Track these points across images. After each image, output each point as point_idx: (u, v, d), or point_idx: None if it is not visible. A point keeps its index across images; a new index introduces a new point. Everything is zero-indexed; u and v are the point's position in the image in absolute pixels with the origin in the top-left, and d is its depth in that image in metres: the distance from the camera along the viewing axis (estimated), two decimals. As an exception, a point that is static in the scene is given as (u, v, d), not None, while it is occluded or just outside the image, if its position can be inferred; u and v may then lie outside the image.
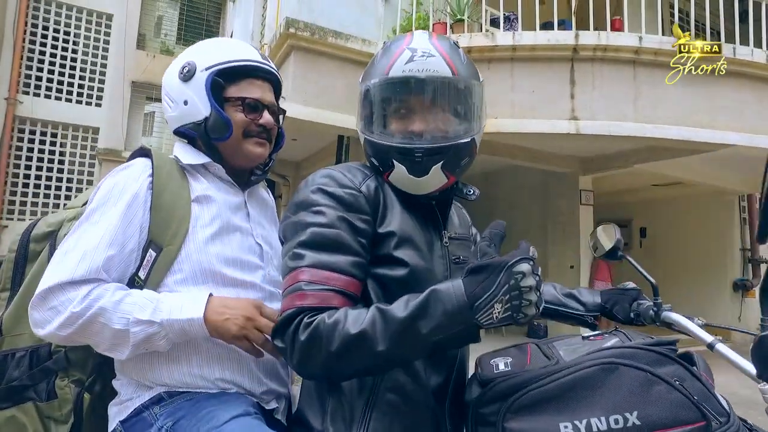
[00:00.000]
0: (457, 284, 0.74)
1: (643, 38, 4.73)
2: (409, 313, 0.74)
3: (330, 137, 5.50)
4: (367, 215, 0.88)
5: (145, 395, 0.93)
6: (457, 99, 0.93)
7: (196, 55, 1.08)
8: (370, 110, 0.95)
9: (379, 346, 0.74)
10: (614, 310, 1.20)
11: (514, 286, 0.71)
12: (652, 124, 4.75)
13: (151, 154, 1.03)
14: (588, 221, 6.77)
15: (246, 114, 1.07)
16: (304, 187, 0.90)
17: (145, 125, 12.59)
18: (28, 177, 11.27)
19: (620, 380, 0.72)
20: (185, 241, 0.97)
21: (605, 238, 1.29)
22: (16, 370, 1.00)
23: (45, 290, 0.86)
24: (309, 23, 4.67)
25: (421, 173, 0.90)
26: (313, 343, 0.76)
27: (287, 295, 0.82)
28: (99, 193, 0.97)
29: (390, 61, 0.92)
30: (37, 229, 1.07)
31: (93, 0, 12.10)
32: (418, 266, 0.89)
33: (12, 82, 11.07)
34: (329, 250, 0.83)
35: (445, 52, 0.92)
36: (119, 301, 0.87)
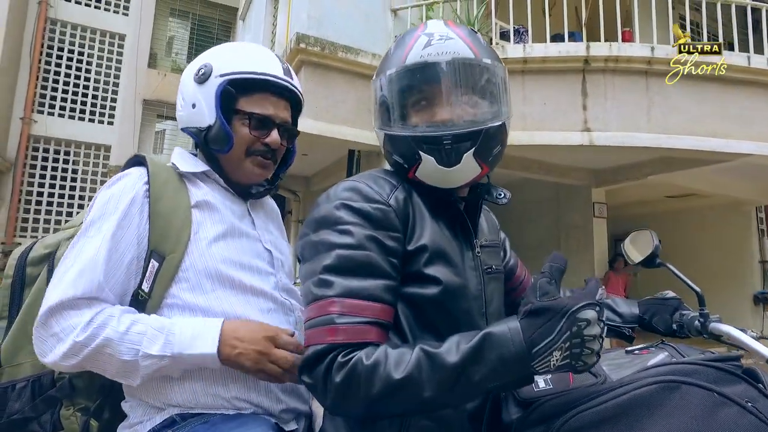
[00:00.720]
0: (514, 328, 0.66)
1: (655, 49, 4.70)
2: (460, 359, 0.66)
3: (341, 151, 5.49)
4: (397, 232, 0.80)
5: (156, 418, 0.88)
6: (482, 81, 0.85)
7: (214, 58, 1.03)
8: (389, 104, 0.87)
9: (426, 392, 0.67)
10: (654, 321, 1.13)
11: (577, 334, 0.63)
12: (666, 134, 4.69)
13: (146, 162, 0.98)
14: (602, 234, 6.68)
15: (252, 130, 1.01)
16: (326, 202, 0.82)
17: (155, 143, 12.73)
18: (41, 195, 11.40)
19: (683, 401, 0.65)
20: (188, 247, 0.92)
21: (640, 246, 1.23)
22: (18, 402, 0.95)
23: (45, 312, 0.81)
24: (319, 38, 4.69)
25: (452, 162, 0.82)
26: (350, 386, 0.69)
27: (316, 327, 0.74)
28: (95, 207, 0.93)
29: (405, 49, 0.86)
30: (34, 252, 1.02)
31: (106, 21, 12.37)
32: (451, 283, 0.82)
33: (27, 102, 11.28)
34: (359, 275, 0.75)
35: (463, 35, 0.85)
36: (126, 331, 0.82)
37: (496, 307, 0.92)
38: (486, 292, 0.89)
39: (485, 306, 0.88)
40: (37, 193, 11.37)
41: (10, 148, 11.11)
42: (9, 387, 0.96)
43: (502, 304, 0.96)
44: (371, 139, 4.90)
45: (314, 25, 4.87)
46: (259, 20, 8.08)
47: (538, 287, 0.68)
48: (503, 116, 0.86)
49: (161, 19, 13.03)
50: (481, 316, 0.86)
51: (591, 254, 6.56)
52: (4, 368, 0.97)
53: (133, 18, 12.38)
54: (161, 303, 0.90)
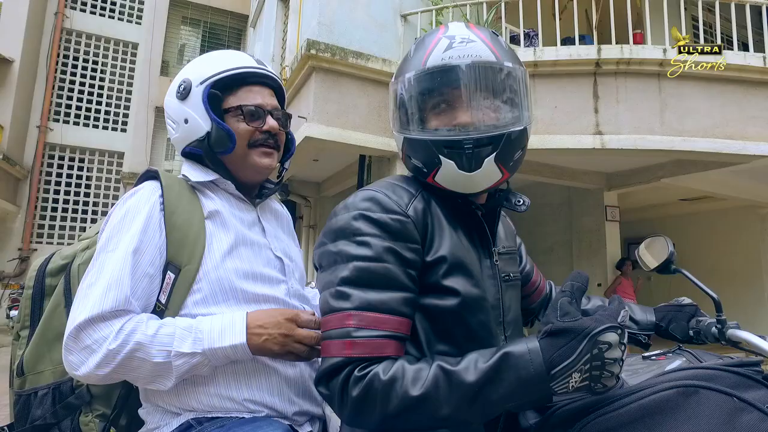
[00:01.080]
0: (534, 348, 0.65)
1: (667, 50, 4.66)
2: (477, 378, 0.66)
3: (351, 157, 5.51)
4: (415, 243, 0.79)
5: (173, 423, 0.89)
6: (504, 84, 0.83)
7: (190, 72, 1.05)
8: (408, 107, 0.86)
9: (443, 410, 0.67)
10: (670, 327, 1.12)
11: (597, 356, 0.62)
12: (680, 136, 4.64)
13: (158, 176, 0.99)
14: (615, 238, 6.63)
15: (248, 122, 1.02)
16: (344, 212, 0.82)
17: (167, 149, 12.88)
18: (57, 201, 11.60)
19: (702, 406, 0.65)
20: (202, 259, 0.94)
21: (655, 252, 1.22)
22: (40, 408, 0.97)
23: (75, 328, 0.82)
24: (329, 44, 4.73)
25: (472, 167, 0.80)
26: (366, 401, 0.69)
27: (333, 339, 0.74)
28: (112, 221, 0.94)
29: (426, 52, 0.84)
30: (52, 263, 1.05)
31: (119, 30, 12.59)
32: (470, 295, 0.81)
33: (44, 111, 11.50)
34: (377, 288, 0.75)
35: (485, 37, 0.84)
36: (155, 333, 0.84)
37: (514, 316, 0.91)
38: (503, 301, 0.88)
39: (503, 315, 0.87)
40: (53, 199, 11.57)
41: (27, 155, 11.32)
42: (32, 394, 0.98)
43: (519, 312, 0.96)
44: (382, 144, 4.92)
45: (325, 32, 4.91)
46: (269, 27, 8.16)
47: (558, 307, 0.67)
48: (525, 121, 0.84)
49: (173, 27, 13.21)
50: (499, 324, 0.86)
51: (603, 258, 6.50)
52: (26, 376, 0.99)
53: (145, 27, 12.58)
54: (177, 314, 0.91)
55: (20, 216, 11.11)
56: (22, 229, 11.10)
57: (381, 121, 4.95)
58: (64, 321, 0.94)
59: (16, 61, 10.63)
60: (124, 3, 12.78)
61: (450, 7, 5.15)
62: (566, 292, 0.69)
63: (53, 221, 11.54)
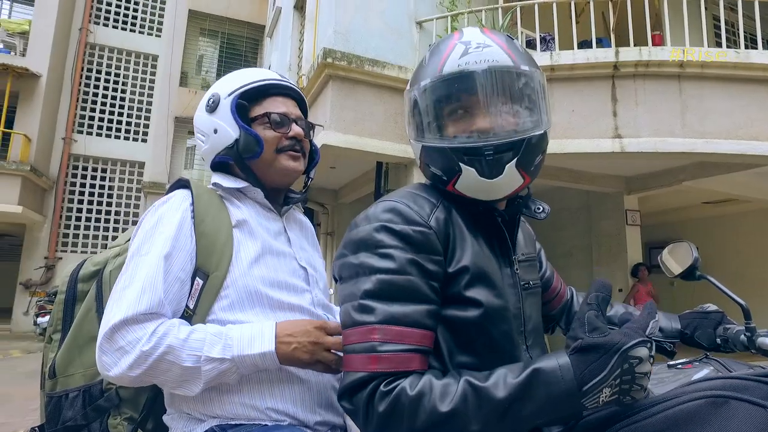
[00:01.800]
0: (564, 365, 0.65)
1: (687, 51, 4.58)
2: (507, 395, 0.65)
3: (368, 164, 5.53)
4: (438, 255, 0.78)
5: (197, 429, 0.91)
6: (522, 88, 0.82)
7: (218, 87, 1.10)
8: (426, 115, 0.85)
9: (472, 426, 0.66)
10: (696, 335, 1.09)
11: (628, 371, 0.62)
12: (702, 138, 4.55)
13: (189, 185, 1.03)
14: (635, 242, 6.52)
15: (275, 129, 1.06)
16: (365, 223, 0.81)
17: (186, 158, 13.11)
18: (81, 211, 11.89)
19: (732, 418, 0.63)
20: (230, 266, 0.96)
21: (679, 258, 1.20)
22: (70, 410, 1.00)
23: (110, 330, 0.83)
24: (345, 52, 4.77)
25: (494, 174, 0.79)
26: (393, 416, 0.68)
27: (357, 353, 0.73)
28: (144, 227, 0.97)
29: (441, 58, 0.83)
30: (84, 269, 1.08)
31: (140, 43, 12.90)
32: (492, 305, 0.80)
33: (68, 123, 11.84)
34: (401, 301, 0.74)
35: (501, 42, 0.83)
36: (186, 338, 0.85)
37: (534, 324, 0.90)
38: (524, 310, 0.87)
39: (524, 324, 0.86)
40: (77, 209, 11.86)
41: (53, 167, 11.64)
42: (63, 396, 1.01)
43: (540, 321, 0.95)
44: (399, 151, 4.93)
45: (341, 40, 4.96)
46: (286, 37, 8.27)
47: (586, 321, 0.66)
48: (545, 124, 0.83)
49: (192, 39, 13.48)
50: (520, 334, 0.85)
51: (624, 263, 6.39)
52: (58, 378, 1.02)
53: (165, 39, 12.87)
54: (205, 320, 0.93)
55: (46, 225, 11.41)
56: (48, 238, 11.39)
57: (398, 128, 4.96)
58: (95, 326, 0.98)
59: (43, 75, 10.97)
60: (144, 17, 13.10)
61: (465, 13, 5.15)
62: (592, 305, 0.68)
63: (77, 230, 11.83)
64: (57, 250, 11.53)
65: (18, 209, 9.97)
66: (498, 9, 5.20)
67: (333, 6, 5.15)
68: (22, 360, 7.63)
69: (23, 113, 10.85)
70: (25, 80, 10.81)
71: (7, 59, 10.69)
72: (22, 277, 11.11)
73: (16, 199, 9.96)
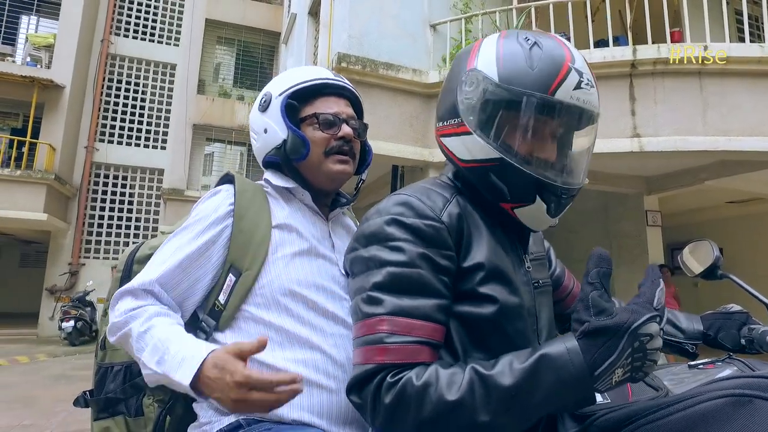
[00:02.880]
0: (573, 349, 0.63)
1: (708, 47, 4.49)
2: (515, 382, 0.64)
3: (384, 167, 5.54)
4: (449, 250, 0.77)
5: (224, 420, 0.91)
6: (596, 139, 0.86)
7: (272, 86, 1.11)
8: (515, 125, 0.79)
9: (481, 416, 0.65)
10: (719, 336, 1.07)
11: (639, 349, 0.62)
12: (724, 136, 4.45)
13: (234, 180, 1.04)
14: (657, 243, 6.39)
15: (323, 130, 1.05)
16: (376, 216, 0.81)
17: (204, 165, 13.30)
18: (103, 217, 12.14)
19: (755, 417, 0.61)
20: (264, 266, 0.96)
21: (700, 257, 1.18)
22: (113, 383, 1.05)
23: (114, 295, 0.93)
24: (360, 57, 4.80)
25: (557, 214, 0.82)
26: (400, 407, 0.68)
27: (365, 345, 0.73)
28: (189, 216, 1.02)
29: (556, 78, 0.77)
30: (141, 252, 1.12)
31: (159, 53, 13.16)
32: (508, 303, 0.79)
33: (90, 132, 12.13)
34: (410, 294, 0.74)
35: (596, 83, 0.82)
36: (144, 331, 0.86)
37: (546, 322, 0.90)
38: (536, 308, 0.87)
39: (537, 322, 0.86)
40: (99, 216, 12.12)
41: (76, 175, 11.93)
42: (109, 368, 1.07)
43: (552, 319, 0.94)
44: (415, 154, 4.93)
45: (355, 45, 4.99)
46: (301, 43, 8.35)
47: (591, 303, 0.65)
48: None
49: (209, 47, 13.70)
50: (533, 332, 0.85)
51: (645, 264, 6.25)
52: (107, 351, 1.08)
53: (183, 48, 13.11)
54: (235, 315, 0.94)
55: (70, 232, 11.68)
56: (72, 245, 11.66)
57: (413, 131, 4.97)
58: None
59: (66, 87, 11.27)
60: (163, 27, 13.36)
61: (480, 15, 5.14)
62: (595, 284, 0.66)
63: (99, 236, 12.08)
64: (80, 256, 11.78)
65: (43, 217, 10.23)
66: (512, 10, 5.18)
67: (347, 11, 5.19)
68: (48, 363, 7.81)
69: (48, 123, 11.15)
70: (50, 92, 11.11)
71: (34, 72, 11.01)
72: (47, 283, 11.38)
73: (41, 206, 10.23)
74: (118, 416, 1.03)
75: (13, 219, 10.20)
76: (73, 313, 9.63)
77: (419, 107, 5.11)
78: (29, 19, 12.93)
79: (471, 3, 5.56)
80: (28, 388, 5.86)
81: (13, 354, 8.38)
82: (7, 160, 10.77)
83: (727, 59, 4.45)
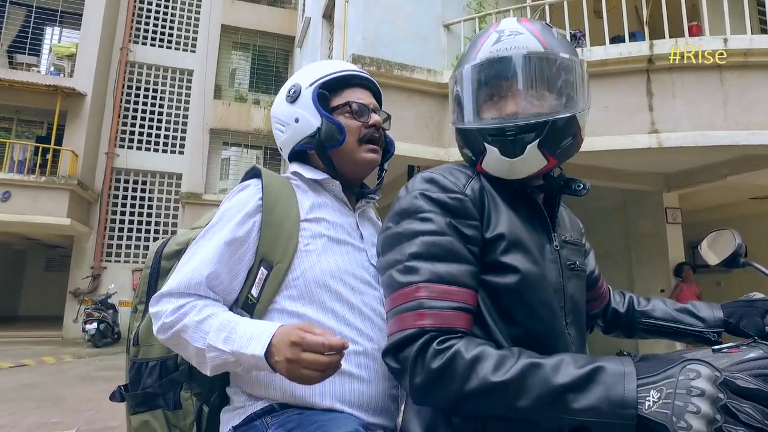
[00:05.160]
0: (630, 373, 0.63)
1: (728, 40, 4.41)
2: (566, 382, 0.65)
3: (400, 168, 5.56)
4: (475, 220, 0.81)
5: (257, 404, 0.93)
6: (550, 73, 0.84)
7: (299, 78, 1.13)
8: (461, 100, 0.90)
9: (521, 402, 0.66)
10: (741, 324, 1.06)
11: (682, 383, 0.59)
12: (746, 130, 4.36)
13: (260, 174, 1.05)
14: (677, 241, 6.28)
15: (355, 118, 1.08)
16: (405, 194, 0.85)
17: (222, 169, 13.48)
18: (123, 222, 12.39)
19: None
20: (295, 258, 0.97)
21: (720, 247, 1.17)
22: (149, 378, 1.06)
23: (157, 296, 0.94)
24: (374, 58, 4.83)
25: (515, 153, 0.82)
26: (446, 375, 0.69)
27: (404, 312, 0.75)
28: (217, 213, 1.02)
29: (477, 46, 0.88)
30: (168, 248, 1.14)
31: (176, 59, 13.40)
32: (530, 272, 0.80)
33: (111, 138, 12.40)
34: (444, 260, 0.76)
35: (535, 30, 0.86)
36: (202, 320, 0.88)
37: (574, 304, 0.90)
38: (566, 287, 0.87)
39: (564, 300, 0.86)
40: (119, 220, 12.37)
41: (97, 180, 12.21)
42: (143, 363, 1.08)
43: (583, 304, 0.94)
44: (430, 154, 4.94)
45: (369, 46, 5.03)
46: (315, 46, 8.43)
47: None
48: (574, 108, 0.84)
49: (225, 52, 13.90)
50: (560, 309, 0.85)
51: (666, 263, 6.17)
52: (140, 347, 1.09)
53: (200, 54, 13.33)
54: (268, 308, 0.96)
55: (92, 236, 11.95)
56: (94, 249, 11.92)
57: (428, 132, 4.98)
58: None
59: (88, 94, 11.55)
60: (180, 34, 13.61)
61: (493, 13, 5.13)
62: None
63: (120, 240, 12.33)
64: (102, 260, 12.04)
65: (67, 221, 10.48)
66: (526, 8, 5.16)
67: (361, 13, 5.23)
68: (73, 364, 8.00)
69: (71, 130, 11.44)
70: (73, 99, 11.41)
71: (57, 81, 11.32)
72: (71, 286, 11.66)
73: (65, 211, 10.49)
74: (156, 410, 1.06)
75: (39, 224, 10.48)
76: (95, 316, 9.84)
77: (434, 107, 5.12)
78: (53, 30, 13.30)
79: (485, 2, 5.55)
80: (54, 387, 6.01)
81: (40, 355, 8.61)
82: (32, 167, 11.07)
83: (748, 51, 4.37)
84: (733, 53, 4.40)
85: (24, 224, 10.50)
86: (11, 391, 5.72)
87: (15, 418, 4.57)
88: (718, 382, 0.58)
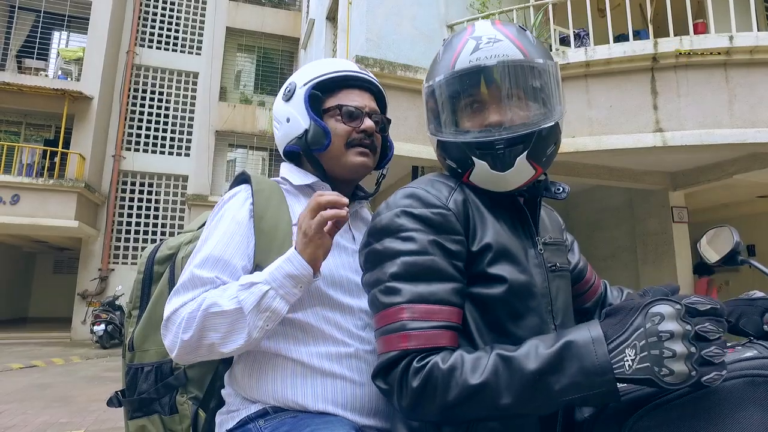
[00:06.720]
0: (597, 338, 0.63)
1: (734, 37, 4.38)
2: (539, 366, 0.64)
3: (404, 169, 5.57)
4: (459, 235, 0.80)
5: (251, 407, 0.94)
6: (533, 81, 0.83)
7: (296, 76, 1.11)
8: (440, 110, 0.88)
9: (503, 399, 0.66)
10: (741, 323, 1.05)
11: (651, 331, 0.59)
12: (753, 128, 4.33)
13: (250, 180, 1.03)
14: (684, 240, 6.23)
15: (345, 122, 1.05)
16: (386, 210, 0.83)
17: (227, 171, 13.55)
18: (130, 224, 12.48)
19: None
20: None
21: (719, 244, 1.16)
22: (145, 383, 1.07)
23: (166, 316, 0.89)
24: (378, 59, 4.84)
25: (505, 167, 0.81)
26: (426, 391, 0.70)
27: (389, 333, 0.75)
28: (209, 223, 1.00)
29: (454, 54, 0.85)
30: (160, 252, 1.14)
31: (182, 62, 13.48)
32: (517, 281, 0.80)
33: (117, 141, 12.50)
34: (426, 280, 0.76)
35: (512, 35, 0.84)
36: (224, 290, 0.88)
37: (562, 305, 0.90)
38: (551, 290, 0.87)
39: (551, 303, 0.86)
40: (126, 222, 12.46)
41: (104, 183, 12.31)
42: (139, 368, 1.08)
43: (569, 303, 0.95)
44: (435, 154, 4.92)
45: (373, 47, 5.04)
46: (319, 47, 8.45)
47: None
48: (556, 116, 0.84)
49: (230, 55, 13.97)
50: (548, 313, 0.85)
51: (672, 262, 6.12)
52: (135, 352, 1.09)
53: (205, 57, 13.40)
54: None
55: (99, 239, 12.05)
56: (101, 251, 12.02)
57: (430, 131, 4.97)
58: None
59: (95, 98, 11.65)
60: (185, 36, 13.69)
61: (496, 13, 5.13)
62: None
63: (127, 242, 12.42)
64: (109, 262, 12.13)
65: (74, 224, 10.57)
66: (530, 7, 5.15)
67: (364, 14, 5.24)
68: (81, 365, 8.07)
69: (78, 134, 11.55)
70: (80, 103, 11.51)
71: (64, 84, 11.44)
72: (79, 288, 11.76)
73: (73, 214, 10.58)
74: (152, 415, 1.06)
75: (47, 226, 10.58)
76: (103, 317, 9.92)
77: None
78: (60, 34, 13.43)
79: (488, 2, 5.55)
80: (64, 388, 6.07)
81: (50, 356, 8.70)
82: (40, 170, 11.18)
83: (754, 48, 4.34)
84: (739, 50, 4.37)
85: (33, 227, 10.60)
86: (22, 392, 5.79)
87: (25, 418, 4.63)
88: (681, 316, 0.59)
